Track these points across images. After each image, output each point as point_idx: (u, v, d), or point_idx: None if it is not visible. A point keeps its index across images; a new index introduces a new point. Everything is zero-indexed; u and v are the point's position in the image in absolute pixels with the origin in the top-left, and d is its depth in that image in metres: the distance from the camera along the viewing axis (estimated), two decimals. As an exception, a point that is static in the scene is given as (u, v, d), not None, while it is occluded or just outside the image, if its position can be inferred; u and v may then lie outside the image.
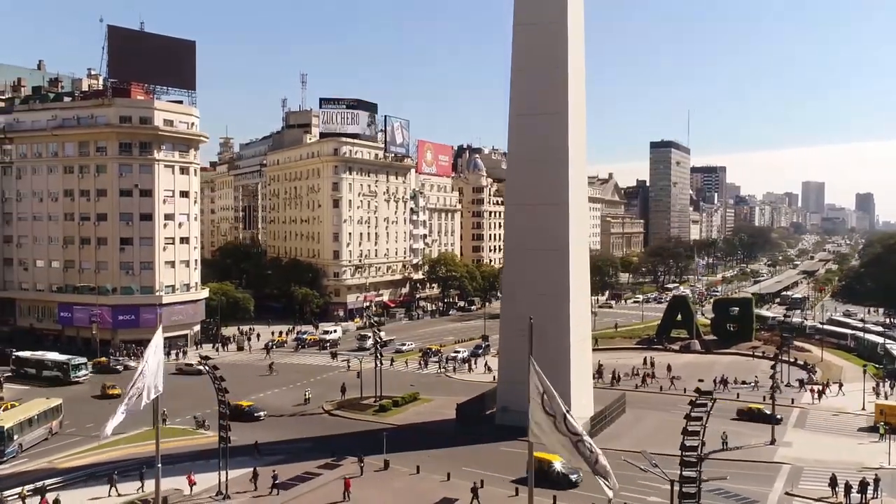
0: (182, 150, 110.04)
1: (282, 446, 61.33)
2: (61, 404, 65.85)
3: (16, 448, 57.58)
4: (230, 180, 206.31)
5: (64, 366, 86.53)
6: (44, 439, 62.15)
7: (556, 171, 65.29)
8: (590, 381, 71.15)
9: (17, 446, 57.78)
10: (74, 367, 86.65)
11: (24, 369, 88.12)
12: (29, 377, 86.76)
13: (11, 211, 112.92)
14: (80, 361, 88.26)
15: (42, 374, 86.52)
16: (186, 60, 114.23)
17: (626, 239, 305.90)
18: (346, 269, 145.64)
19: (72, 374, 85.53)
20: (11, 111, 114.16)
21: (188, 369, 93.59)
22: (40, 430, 61.87)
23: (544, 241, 65.79)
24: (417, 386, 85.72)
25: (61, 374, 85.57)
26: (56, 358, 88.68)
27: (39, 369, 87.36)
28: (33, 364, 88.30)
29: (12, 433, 56.99)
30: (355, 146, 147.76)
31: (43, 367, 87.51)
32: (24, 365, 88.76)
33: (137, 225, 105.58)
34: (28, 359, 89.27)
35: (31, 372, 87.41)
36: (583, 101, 68.96)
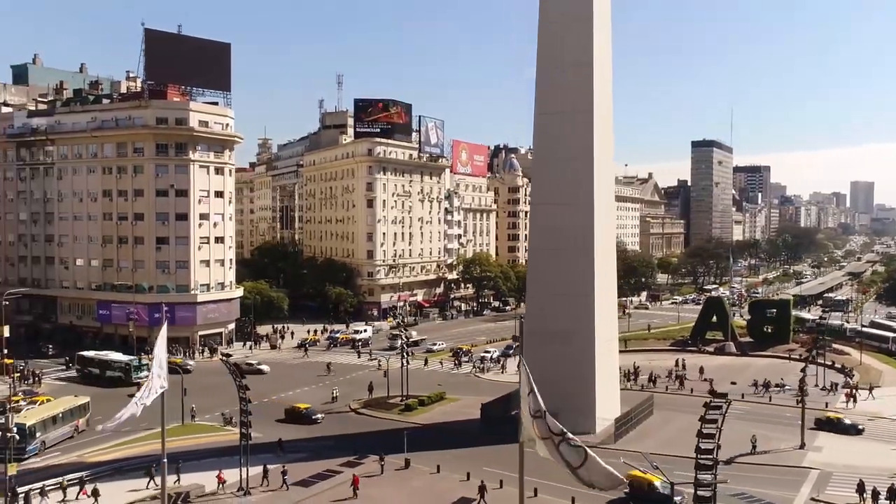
0: (217, 150, 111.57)
1: (305, 444, 61.83)
2: (88, 402, 66.76)
3: (38, 445, 58.23)
4: (268, 181, 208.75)
5: (126, 366, 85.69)
6: (69, 437, 62.90)
7: (581, 170, 64.76)
8: (616, 382, 70.40)
9: (39, 444, 58.47)
10: (136, 368, 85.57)
11: (88, 369, 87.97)
12: (93, 377, 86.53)
13: (53, 211, 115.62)
14: (142, 362, 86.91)
15: (105, 375, 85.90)
16: (222, 62, 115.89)
17: (665, 239, 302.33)
18: (380, 268, 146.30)
19: (133, 375, 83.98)
20: (53, 113, 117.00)
21: (246, 368, 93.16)
22: (65, 427, 62.71)
23: (569, 241, 65.29)
24: (446, 386, 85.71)
25: (123, 375, 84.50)
26: (119, 358, 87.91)
27: (103, 369, 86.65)
28: (97, 364, 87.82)
29: (34, 430, 57.71)
30: (389, 146, 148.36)
31: (106, 368, 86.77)
32: (88, 365, 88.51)
33: (173, 224, 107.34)
34: (92, 359, 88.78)
35: (95, 372, 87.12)
36: (609, 99, 68.30)
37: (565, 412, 63.17)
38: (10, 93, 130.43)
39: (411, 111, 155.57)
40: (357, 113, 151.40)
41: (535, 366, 67.01)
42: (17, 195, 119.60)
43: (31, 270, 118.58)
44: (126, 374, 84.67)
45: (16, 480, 48.14)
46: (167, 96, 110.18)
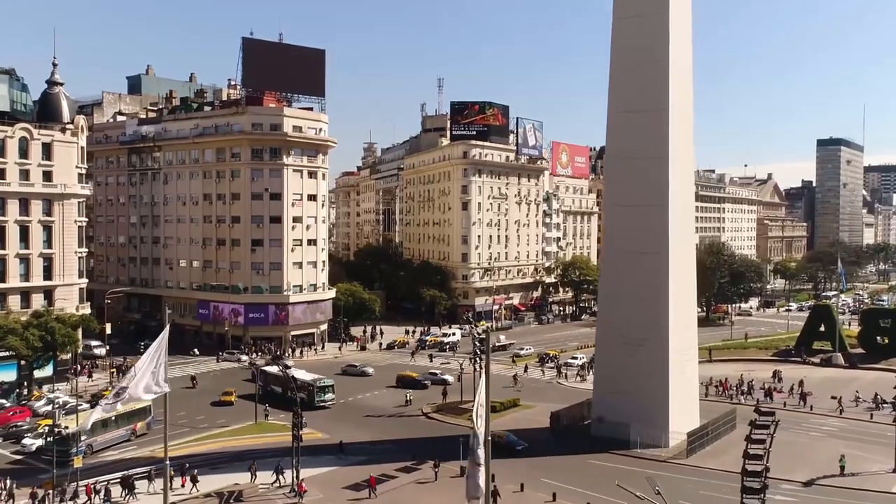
0: (310, 154, 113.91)
1: (367, 447, 61.83)
2: (150, 406, 66.44)
3: (83, 449, 57.81)
4: (372, 184, 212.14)
5: (309, 387, 76.24)
6: (125, 440, 63.34)
7: (657, 170, 61.97)
8: (695, 394, 66.85)
9: (84, 447, 58.19)
10: (320, 390, 76.49)
11: (271, 387, 79.33)
12: (275, 397, 77.20)
13: (159, 214, 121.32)
14: (326, 383, 77.95)
15: (287, 395, 72.89)
16: (316, 68, 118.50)
17: (786, 243, 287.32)
18: (475, 271, 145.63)
19: (316, 398, 75.30)
20: (160, 121, 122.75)
21: (351, 370, 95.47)
22: (119, 431, 62.89)
23: (643, 244, 62.67)
24: (526, 392, 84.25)
25: (306, 397, 73.75)
26: (302, 378, 77.94)
27: (286, 389, 74.52)
28: (280, 382, 77.19)
29: (79, 434, 57.45)
30: (485, 149, 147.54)
31: (289, 387, 73.42)
32: (271, 382, 79.91)
33: (267, 227, 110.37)
34: (276, 376, 78.36)
35: (277, 391, 77.90)
36: (689, 97, 65.04)
37: (638, 424, 60.95)
38: (125, 102, 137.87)
39: (508, 113, 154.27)
40: (453, 115, 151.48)
41: (607, 375, 65.36)
42: (128, 199, 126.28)
43: (139, 270, 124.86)
44: (309, 395, 75.22)
45: (71, 476, 50.29)
46: (263, 103, 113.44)
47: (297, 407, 53.22)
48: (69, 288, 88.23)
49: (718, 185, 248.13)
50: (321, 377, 79.63)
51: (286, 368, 74.79)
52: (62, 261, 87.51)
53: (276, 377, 78.66)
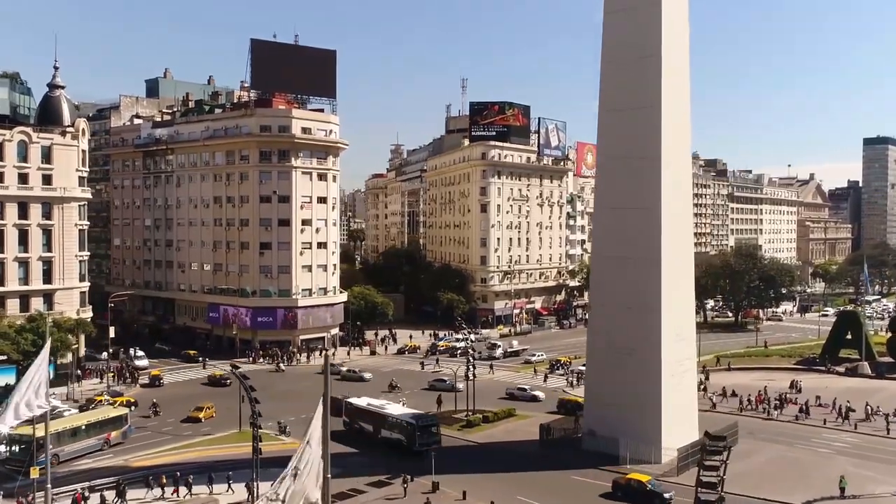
0: (320, 157, 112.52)
1: (339, 459, 59.15)
2: (126, 415, 65.96)
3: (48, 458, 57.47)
4: (398, 185, 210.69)
5: (408, 427, 61.46)
6: (98, 450, 61.62)
7: (648, 172, 58.84)
8: (693, 407, 63.35)
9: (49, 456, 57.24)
10: (423, 430, 61.22)
11: (359, 424, 66.06)
12: (364, 437, 64.79)
13: (172, 217, 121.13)
14: (430, 421, 63.27)
15: (380, 435, 63.54)
16: (327, 69, 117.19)
17: (829, 245, 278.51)
18: (494, 274, 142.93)
19: (418, 441, 60.43)
20: (173, 124, 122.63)
21: (351, 375, 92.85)
22: (89, 440, 61.11)
23: (634, 250, 59.59)
24: (493, 397, 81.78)
25: (404, 439, 61.49)
26: (398, 414, 64.05)
27: (378, 428, 63.90)
28: (369, 418, 65.22)
29: (44, 444, 57.53)
30: (505, 150, 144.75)
31: (382, 425, 63.73)
32: (358, 418, 66.49)
33: (276, 230, 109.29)
34: (367, 411, 66.07)
35: (367, 430, 65.02)
36: (684, 94, 61.72)
37: (628, 438, 57.91)
38: (142, 105, 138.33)
39: (530, 113, 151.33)
40: (473, 116, 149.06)
41: (597, 387, 62.33)
42: (143, 202, 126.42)
43: (153, 273, 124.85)
44: (409, 437, 61.19)
45: (35, 486, 49.02)
46: (273, 105, 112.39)
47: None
48: (69, 292, 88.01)
49: (756, 185, 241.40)
50: (425, 414, 65.35)
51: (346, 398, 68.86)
52: (62, 264, 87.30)
53: (365, 412, 65.60)
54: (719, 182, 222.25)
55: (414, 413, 65.13)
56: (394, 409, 66.10)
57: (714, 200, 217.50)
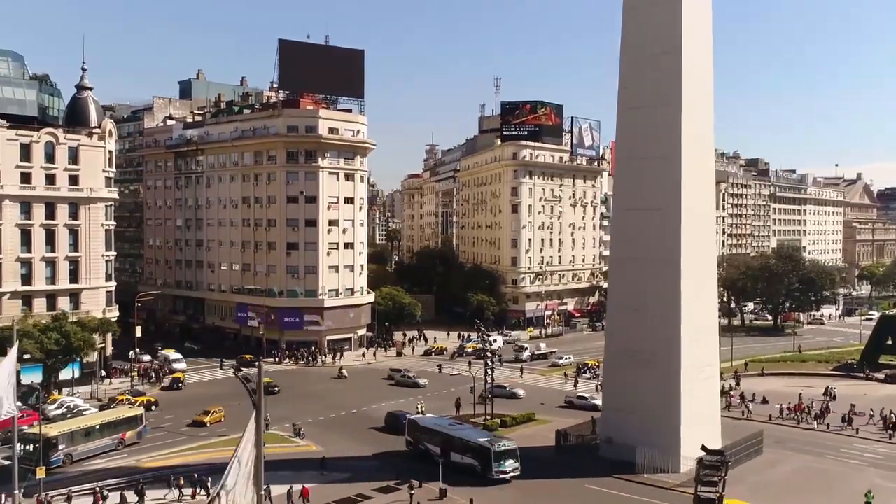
0: (347, 157, 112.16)
1: (351, 463, 58.82)
2: (142, 415, 66.09)
3: (60, 457, 57.26)
4: (432, 186, 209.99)
5: (483, 451, 54.96)
6: (112, 449, 61.53)
7: (667, 172, 56.91)
8: (714, 414, 61.08)
9: (62, 455, 57.46)
10: (499, 456, 54.58)
11: (425, 445, 59.18)
12: (431, 459, 56.51)
13: (202, 217, 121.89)
14: (507, 446, 55.49)
15: (450, 458, 56.06)
16: (355, 69, 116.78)
17: (876, 247, 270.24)
18: (525, 276, 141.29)
19: (494, 467, 54.12)
20: (203, 125, 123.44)
21: (405, 381, 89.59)
22: (104, 440, 61.07)
23: (652, 251, 57.70)
24: (550, 404, 80.00)
25: (478, 464, 54.93)
26: (471, 438, 56.97)
27: (447, 450, 56.66)
28: (438, 440, 58.08)
29: (57, 443, 57.27)
30: (536, 149, 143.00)
31: (451, 448, 56.68)
32: (423, 438, 59.81)
33: (302, 230, 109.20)
34: (431, 431, 59.50)
35: (434, 452, 57.38)
36: (707, 91, 59.55)
37: (646, 446, 56.09)
38: (175, 106, 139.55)
39: (562, 112, 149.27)
40: (504, 116, 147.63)
41: (615, 392, 60.57)
42: (174, 202, 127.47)
43: (184, 273, 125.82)
44: (483, 462, 54.70)
45: (43, 486, 49.18)
46: (301, 105, 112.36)
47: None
48: (95, 291, 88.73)
49: (799, 185, 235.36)
50: (500, 438, 57.81)
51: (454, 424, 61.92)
52: (88, 264, 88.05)
53: (430, 432, 59.09)
54: (761, 182, 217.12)
55: (489, 436, 58.20)
56: (465, 429, 60.10)
57: (755, 201, 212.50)
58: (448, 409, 75.30)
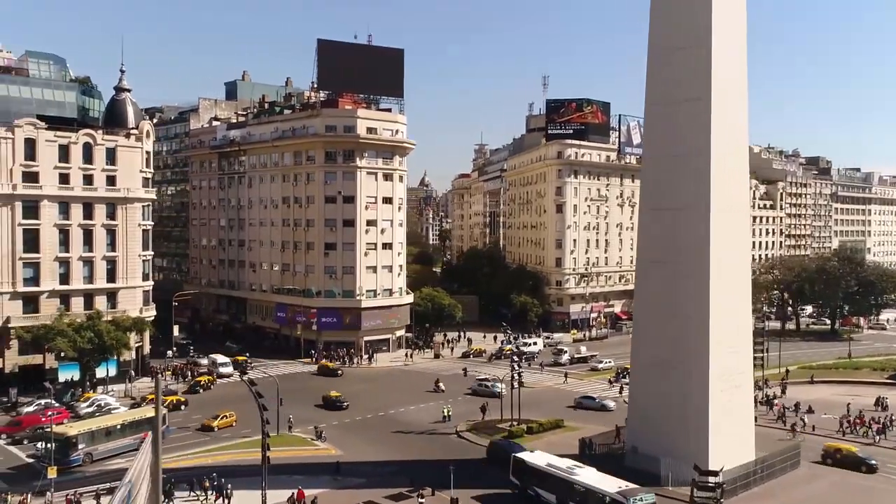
0: (386, 157, 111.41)
1: (366, 468, 57.77)
2: (165, 415, 65.20)
3: (80, 456, 57.75)
4: (481, 186, 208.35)
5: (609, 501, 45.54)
6: (133, 449, 60.36)
7: (695, 170, 54.31)
8: (747, 425, 57.99)
9: (82, 455, 57.93)
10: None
11: (536, 490, 50.77)
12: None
13: (245, 217, 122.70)
14: (646, 499, 45.81)
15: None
16: (395, 68, 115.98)
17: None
18: (569, 277, 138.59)
19: None
20: (245, 125, 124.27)
21: (483, 389, 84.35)
22: (125, 440, 61.14)
23: (680, 254, 55.20)
24: (582, 411, 77.76)
25: None
26: (601, 486, 46.95)
27: (564, 498, 48.32)
28: (553, 485, 49.51)
29: (77, 442, 57.69)
30: (582, 148, 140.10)
31: (572, 497, 47.77)
32: (533, 482, 51.21)
33: (340, 230, 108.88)
34: (548, 475, 50.11)
35: (548, 499, 49.56)
36: (740, 85, 56.63)
37: (671, 457, 53.71)
38: (221, 108, 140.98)
39: (609, 110, 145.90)
40: (549, 114, 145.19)
41: (641, 400, 58.16)
42: (218, 202, 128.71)
43: (227, 273, 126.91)
44: None
45: (55, 485, 49.34)
46: (339, 105, 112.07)
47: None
48: (132, 290, 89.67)
49: (864, 184, 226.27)
50: (638, 489, 46.75)
51: None
52: (125, 264, 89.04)
53: (544, 476, 50.33)
54: (822, 181, 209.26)
55: (622, 485, 46.78)
56: (589, 474, 48.94)
57: (815, 200, 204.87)
58: (474, 414, 73.79)
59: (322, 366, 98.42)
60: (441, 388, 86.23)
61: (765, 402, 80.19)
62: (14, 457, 60.76)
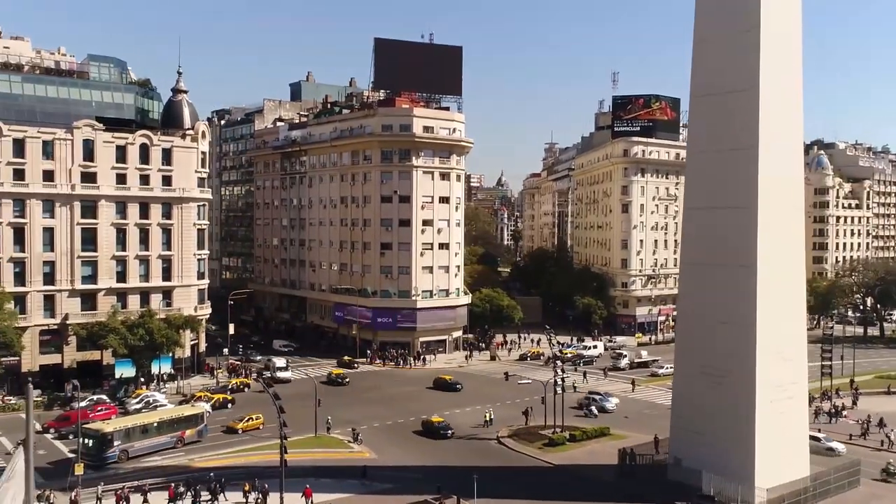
0: (443, 156, 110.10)
1: (395, 473, 56.36)
2: (202, 414, 66.13)
3: (116, 453, 58.03)
4: (550, 185, 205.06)
5: None
6: (170, 447, 61.78)
7: (742, 165, 50.97)
8: (800, 438, 54.09)
9: (117, 451, 58.15)
10: None
11: None
12: None
13: (305, 217, 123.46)
14: None
15: None
16: (453, 66, 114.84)
17: None
18: (636, 279, 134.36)
19: None
20: (306, 126, 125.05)
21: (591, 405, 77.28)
22: (162, 437, 61.39)
23: (726, 255, 51.93)
24: (636, 417, 74.81)
25: None
26: None
27: None
28: None
29: (112, 439, 58.00)
30: (649, 146, 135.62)
31: None
32: None
33: (396, 230, 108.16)
34: None
35: None
36: (793, 76, 52.84)
37: (714, 472, 50.56)
38: (285, 108, 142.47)
39: (679, 106, 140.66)
40: (615, 111, 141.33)
41: (685, 410, 54.94)
42: (280, 202, 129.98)
43: (289, 272, 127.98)
44: None
45: (81, 482, 49.69)
46: (396, 104, 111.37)
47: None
48: (187, 289, 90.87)
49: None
50: None
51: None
52: (181, 263, 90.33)
53: None
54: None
55: None
56: None
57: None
58: (516, 419, 71.54)
59: (332, 375, 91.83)
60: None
61: (833, 413, 75.39)
62: (58, 452, 61.86)
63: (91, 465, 55.64)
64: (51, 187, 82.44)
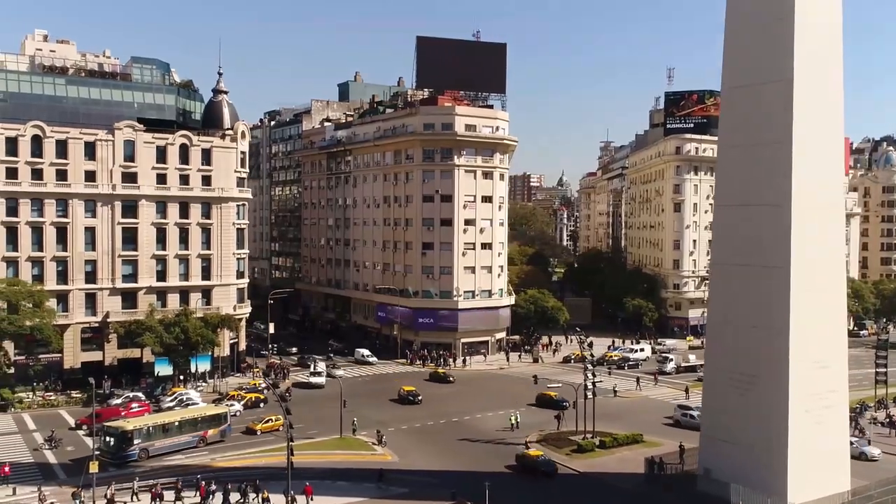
0: (486, 154, 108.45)
1: (412, 477, 55.08)
2: (226, 413, 66.02)
3: (136, 451, 58.11)
4: (605, 184, 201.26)
5: None
6: (192, 446, 61.72)
7: (776, 161, 48.22)
8: (840, 451, 50.87)
9: (137, 450, 58.20)
10: None
11: None
12: None
13: (350, 216, 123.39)
14: None
15: None
16: (496, 64, 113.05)
17: None
18: (688, 280, 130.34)
19: None
20: (351, 126, 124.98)
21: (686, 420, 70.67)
22: (183, 437, 61.50)
23: (759, 255, 49.21)
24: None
25: None
26: None
27: None
28: None
29: (133, 437, 58.14)
30: (703, 143, 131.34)
31: None
32: None
33: (438, 230, 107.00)
34: None
35: None
36: (832, 66, 49.72)
37: (746, 485, 47.88)
38: (332, 108, 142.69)
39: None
40: (668, 107, 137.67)
41: (715, 419, 52.30)
42: (326, 202, 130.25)
43: (334, 272, 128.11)
44: None
45: (94, 480, 49.84)
46: (438, 102, 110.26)
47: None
48: (226, 288, 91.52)
49: None
50: None
51: None
52: (220, 262, 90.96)
53: None
54: None
55: None
56: None
57: None
58: (548, 424, 69.53)
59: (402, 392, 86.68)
60: None
61: (888, 423, 71.29)
62: (85, 449, 62.50)
63: (112, 462, 56.08)
64: (92, 187, 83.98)
